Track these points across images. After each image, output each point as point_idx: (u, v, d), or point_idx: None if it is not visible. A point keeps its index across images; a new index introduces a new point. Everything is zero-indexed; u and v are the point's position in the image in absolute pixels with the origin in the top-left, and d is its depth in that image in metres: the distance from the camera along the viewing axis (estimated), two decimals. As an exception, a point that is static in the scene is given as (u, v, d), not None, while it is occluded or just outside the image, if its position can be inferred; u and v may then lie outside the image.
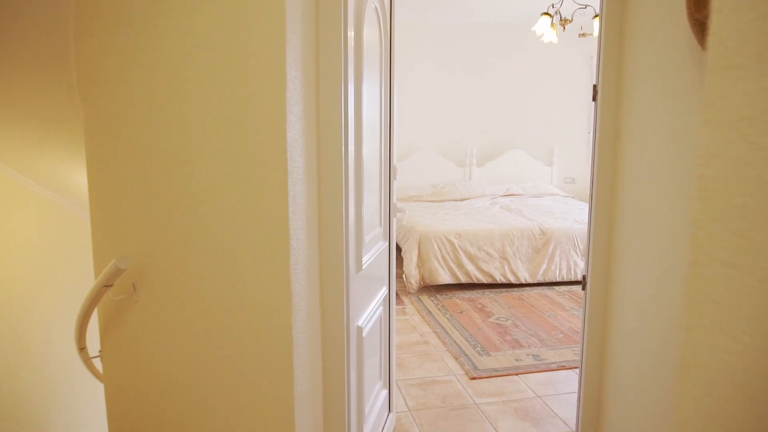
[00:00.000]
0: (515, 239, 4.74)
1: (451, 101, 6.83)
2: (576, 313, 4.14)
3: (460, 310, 4.22)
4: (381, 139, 2.13)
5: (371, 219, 2.01)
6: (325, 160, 1.60)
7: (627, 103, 1.94)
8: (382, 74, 2.12)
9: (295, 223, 1.40)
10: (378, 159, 2.10)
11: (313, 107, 1.55)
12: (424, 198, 6.27)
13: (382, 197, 2.19)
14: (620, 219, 2.00)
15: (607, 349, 2.17)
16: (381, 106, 2.12)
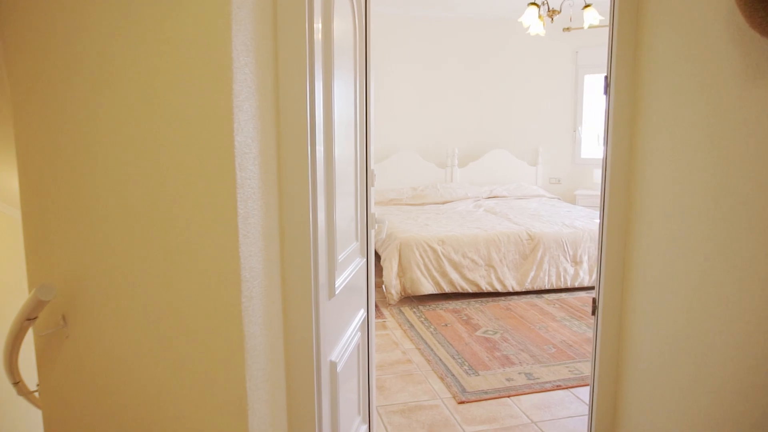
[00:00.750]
0: (502, 245, 4.48)
1: (431, 99, 6.57)
2: (567, 323, 3.89)
3: (444, 323, 3.94)
4: (356, 142, 1.83)
5: (346, 234, 1.70)
6: (288, 169, 1.29)
7: (646, 96, 1.67)
8: (357, 71, 1.83)
9: (248, 249, 1.10)
10: (353, 164, 1.80)
11: (271, 105, 1.25)
12: (404, 201, 5.99)
13: (358, 207, 1.89)
14: (639, 233, 1.73)
15: (622, 392, 1.90)
16: (356, 106, 1.83)
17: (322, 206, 1.41)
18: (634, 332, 1.80)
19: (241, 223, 1.06)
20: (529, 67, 6.60)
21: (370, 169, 2.01)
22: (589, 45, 6.38)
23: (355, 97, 1.80)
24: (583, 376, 3.05)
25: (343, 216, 1.65)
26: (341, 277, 1.60)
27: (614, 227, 1.80)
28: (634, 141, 1.74)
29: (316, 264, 1.36)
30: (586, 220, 4.92)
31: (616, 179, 1.80)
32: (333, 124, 1.46)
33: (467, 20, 6.43)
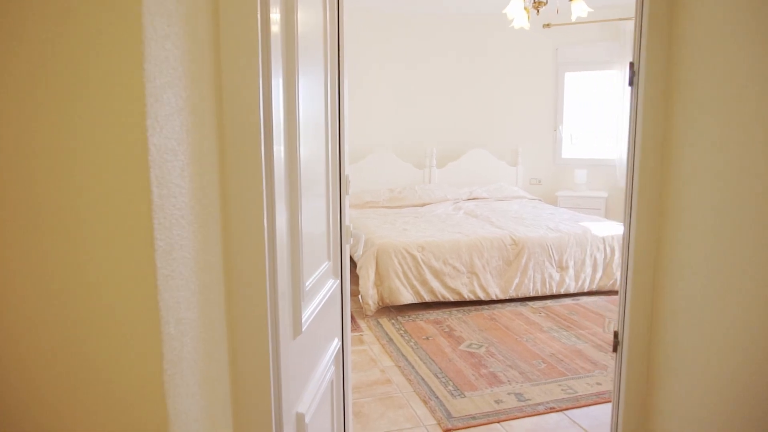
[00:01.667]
0: (484, 251, 4.23)
1: (408, 97, 6.30)
2: (555, 334, 3.67)
3: (425, 336, 3.67)
4: (328, 144, 1.53)
5: (315, 254, 1.41)
6: (236, 179, 0.99)
7: (682, 83, 1.40)
8: (329, 67, 1.55)
9: (173, 296, 0.79)
10: (324, 169, 1.51)
11: (210, 97, 0.94)
12: (380, 204, 5.70)
13: (330, 220, 1.59)
14: (673, 249, 1.47)
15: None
16: (327, 104, 1.53)
17: (282, 223, 1.11)
18: (666, 376, 1.54)
19: (161, 260, 0.75)
20: (508, 65, 6.39)
21: (344, 174, 1.72)
22: (570, 42, 6.20)
23: (325, 95, 1.51)
24: (578, 396, 2.81)
25: (312, 232, 1.36)
26: (309, 308, 1.30)
27: (643, 242, 1.54)
28: (668, 136, 1.46)
29: (275, 299, 1.06)
30: (570, 224, 4.72)
31: (646, 183, 1.52)
32: (298, 125, 1.17)
33: (446, 16, 6.18)
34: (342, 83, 1.69)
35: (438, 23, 6.22)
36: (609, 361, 3.23)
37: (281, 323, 1.07)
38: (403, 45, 6.19)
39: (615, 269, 4.45)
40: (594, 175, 6.25)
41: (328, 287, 1.53)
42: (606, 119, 6.22)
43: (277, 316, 1.05)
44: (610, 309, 4.17)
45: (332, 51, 1.58)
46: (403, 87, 6.27)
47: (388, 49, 6.15)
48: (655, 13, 1.47)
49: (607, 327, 3.80)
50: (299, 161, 1.18)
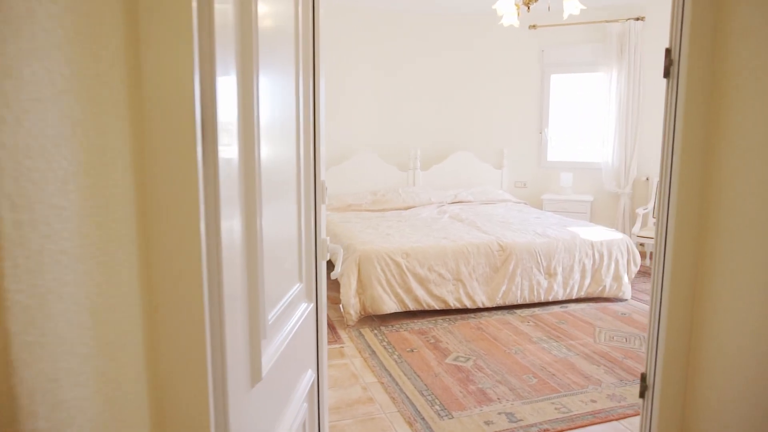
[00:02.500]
0: (471, 257, 4.07)
1: (392, 98, 6.11)
2: (545, 345, 3.51)
3: (410, 348, 3.48)
4: (299, 148, 1.33)
5: (282, 276, 1.21)
6: (160, 190, 0.79)
7: (734, 78, 1.19)
8: (301, 63, 1.35)
9: (38, 372, 0.58)
10: (294, 175, 1.31)
11: (119, 82, 0.74)
12: (363, 207, 5.50)
13: (303, 233, 1.39)
14: (720, 278, 1.23)
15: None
16: (299, 105, 1.33)
17: (233, 242, 0.91)
18: (707, 428, 1.33)
19: (20, 321, 0.54)
20: (494, 66, 6.25)
21: (319, 180, 1.52)
22: (556, 44, 6.09)
23: (297, 95, 1.31)
24: (572, 415, 2.65)
25: (277, 250, 1.16)
26: (273, 346, 1.10)
27: (681, 270, 1.32)
28: (714, 139, 1.24)
29: (220, 345, 0.86)
30: (558, 229, 4.58)
31: (686, 196, 1.30)
32: (255, 126, 0.97)
33: (432, 16, 6.02)
34: (318, 83, 1.49)
35: (423, 23, 6.05)
36: (602, 375, 3.08)
37: (231, 374, 0.87)
38: (387, 45, 6.00)
39: (603, 275, 4.33)
40: (580, 179, 6.14)
41: (299, 314, 1.32)
42: (592, 122, 6.11)
43: (224, 366, 0.85)
44: (599, 317, 4.04)
45: (305, 49, 1.38)
46: (386, 87, 6.08)
47: (371, 49, 5.95)
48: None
49: (597, 337, 3.65)
50: (258, 165, 0.98)
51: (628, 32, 5.60)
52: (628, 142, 5.77)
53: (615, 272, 4.36)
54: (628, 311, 4.18)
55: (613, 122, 5.78)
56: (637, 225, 5.28)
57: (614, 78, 5.73)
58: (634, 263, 4.44)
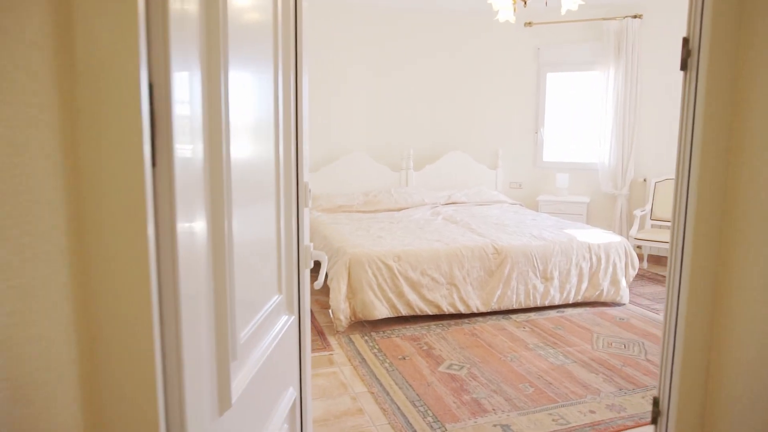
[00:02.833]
0: (465, 261, 3.94)
1: (384, 97, 5.99)
2: (542, 352, 3.39)
3: (401, 355, 3.35)
4: (279, 147, 1.21)
5: (257, 289, 1.08)
6: (100, 193, 0.66)
7: (763, 68, 1.05)
8: (280, 62, 1.22)
9: None
10: (273, 177, 1.18)
11: (41, 67, 0.61)
12: (354, 208, 5.37)
13: (283, 240, 1.26)
14: (744, 292, 1.10)
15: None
16: (278, 103, 1.21)
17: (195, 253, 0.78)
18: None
19: None
20: (489, 65, 6.14)
21: (302, 182, 1.39)
22: (552, 42, 5.98)
23: (276, 91, 1.18)
24: (571, 427, 2.53)
25: (252, 259, 1.03)
26: (248, 366, 0.97)
27: (699, 281, 1.17)
28: (738, 138, 1.10)
29: (179, 373, 0.72)
30: (554, 231, 4.47)
31: (707, 202, 1.15)
32: (223, 123, 0.85)
33: (426, 14, 5.89)
34: (300, 80, 1.36)
35: (417, 21, 5.92)
36: (601, 384, 2.96)
37: (191, 405, 0.74)
38: (380, 42, 5.87)
39: (601, 279, 4.22)
40: (576, 180, 6.04)
41: (278, 328, 1.19)
42: (588, 122, 6.01)
43: (182, 397, 0.72)
44: (597, 323, 3.93)
45: (286, 44, 1.25)
46: (379, 86, 5.95)
47: (363, 46, 5.82)
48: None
49: (595, 343, 3.54)
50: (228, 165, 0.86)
51: (625, 30, 5.50)
52: (625, 142, 5.67)
53: (613, 276, 4.26)
54: (626, 316, 4.07)
55: (610, 122, 5.69)
56: (635, 227, 5.18)
57: (611, 77, 5.63)
58: (632, 267, 4.33)
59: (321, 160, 5.80)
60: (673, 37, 5.39)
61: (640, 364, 3.22)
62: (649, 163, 5.66)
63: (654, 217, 5.42)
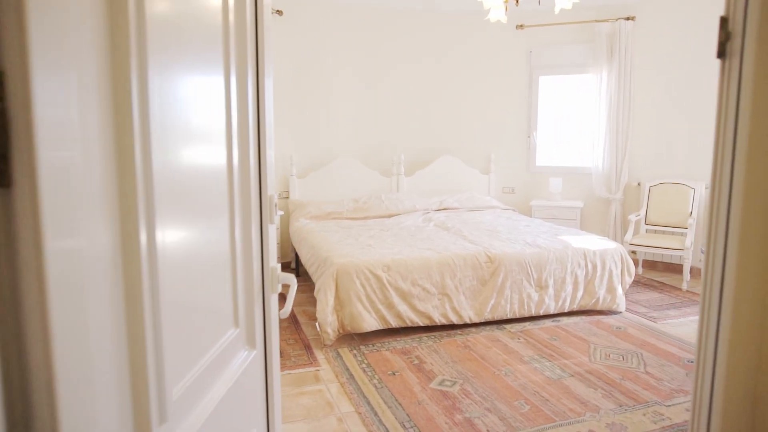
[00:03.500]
0: (457, 270, 3.80)
1: (374, 101, 5.85)
2: (537, 365, 3.25)
3: (391, 371, 3.20)
4: (232, 155, 1.06)
5: (201, 324, 0.93)
6: None
7: None
8: (234, 61, 1.07)
9: None
10: (226, 191, 1.03)
11: None
12: (344, 215, 5.22)
13: (240, 262, 1.11)
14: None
15: None
16: (230, 107, 1.06)
17: (82, 288, 0.62)
18: None
19: None
20: (481, 68, 6.02)
21: (266, 196, 1.24)
22: (544, 44, 5.87)
23: (227, 95, 1.04)
24: (569, 449, 2.39)
25: (192, 292, 0.88)
26: (187, 424, 0.81)
27: (745, 294, 1.01)
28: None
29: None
30: (549, 237, 4.34)
31: (754, 200, 0.98)
32: (135, 127, 0.69)
33: (416, 15, 5.77)
34: (263, 83, 1.22)
35: (407, 23, 5.80)
36: (600, 400, 2.82)
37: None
38: (370, 44, 5.74)
39: (597, 287, 4.09)
40: (569, 184, 5.92)
41: (234, 368, 1.04)
42: (581, 125, 5.90)
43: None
44: (593, 332, 3.79)
45: (241, 47, 1.11)
46: (368, 90, 5.82)
47: (352, 49, 5.69)
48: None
49: (592, 355, 3.40)
50: (145, 175, 0.71)
51: (618, 32, 5.40)
52: (618, 145, 5.56)
53: (609, 283, 4.13)
54: (623, 325, 3.94)
55: (604, 125, 5.57)
56: (629, 232, 5.06)
57: (604, 79, 5.53)
58: (628, 274, 4.21)
59: (309, 166, 5.65)
60: (667, 39, 5.32)
61: (640, 378, 3.08)
62: (643, 167, 5.55)
63: (649, 221, 5.31)
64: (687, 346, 3.54)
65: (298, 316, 4.18)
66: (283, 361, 3.35)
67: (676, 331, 3.84)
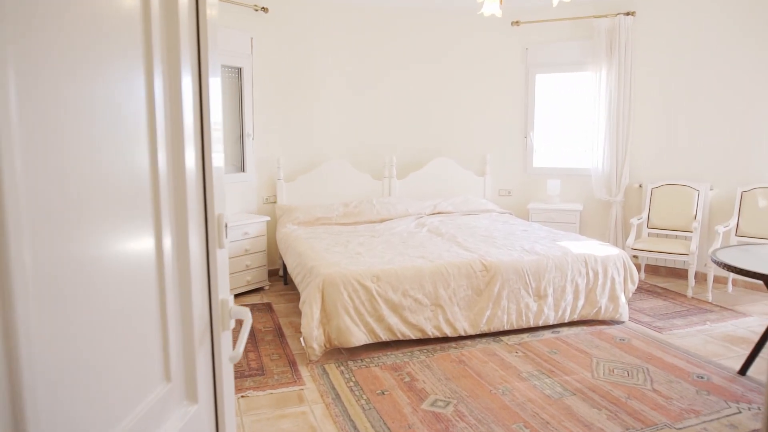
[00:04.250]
0: (451, 279, 3.59)
1: (365, 101, 5.63)
2: (536, 382, 3.04)
3: (380, 389, 2.99)
4: (156, 168, 0.84)
5: (111, 386, 0.71)
6: None
7: None
8: (157, 56, 0.86)
9: None
10: (148, 206, 0.81)
11: None
12: (333, 220, 5.00)
13: (171, 299, 0.90)
14: None
15: None
16: (153, 108, 0.85)
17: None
18: None
19: None
20: (475, 66, 5.81)
21: (213, 215, 1.03)
22: (540, 41, 5.67)
23: (149, 95, 0.82)
24: (573, 482, 2.18)
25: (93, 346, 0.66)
26: None
27: None
28: None
29: None
30: (547, 243, 4.13)
31: None
32: None
33: (409, 14, 5.55)
34: (206, 82, 1.00)
35: (400, 20, 5.59)
36: (605, 423, 2.62)
37: None
38: (361, 42, 5.53)
39: (599, 296, 3.88)
40: (568, 186, 5.72)
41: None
42: (580, 125, 5.70)
43: None
44: (595, 345, 3.59)
45: (171, 40, 0.89)
46: (359, 89, 5.60)
47: (342, 47, 5.47)
48: None
49: (595, 370, 3.20)
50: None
51: (617, 28, 5.20)
52: (619, 146, 5.36)
53: (611, 292, 3.92)
54: (627, 336, 3.74)
55: (603, 125, 5.37)
56: (632, 237, 4.86)
57: (603, 77, 5.33)
58: (631, 281, 4.01)
59: (298, 169, 5.43)
60: (669, 34, 5.12)
61: (647, 396, 2.88)
62: (644, 168, 5.36)
63: (651, 225, 5.11)
64: (695, 360, 3.34)
65: (284, 328, 3.96)
66: (265, 379, 3.13)
67: (682, 342, 3.64)
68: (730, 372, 3.16)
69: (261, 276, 4.85)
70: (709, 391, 2.92)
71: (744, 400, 2.83)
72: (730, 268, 3.01)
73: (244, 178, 5.10)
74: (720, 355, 3.43)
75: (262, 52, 5.07)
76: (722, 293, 4.71)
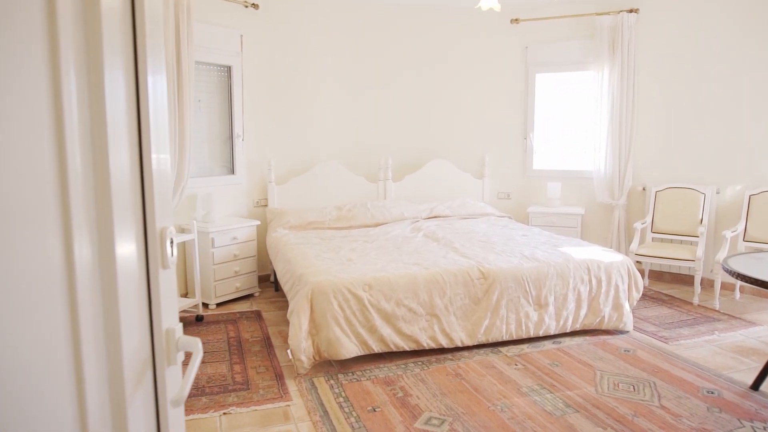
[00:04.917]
0: (447, 287, 3.42)
1: (360, 101, 5.46)
2: (537, 397, 2.87)
3: (371, 406, 2.81)
4: (65, 174, 0.66)
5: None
6: None
7: None
8: (70, 50, 0.68)
9: None
10: (56, 222, 0.63)
11: None
12: (326, 225, 4.82)
13: (83, 332, 0.72)
14: None
15: None
16: (62, 107, 0.67)
17: None
18: None
19: None
20: (474, 65, 5.65)
21: (154, 229, 0.85)
22: (541, 40, 5.51)
23: (56, 92, 0.65)
24: None
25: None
26: None
27: None
28: None
29: None
30: (548, 249, 3.96)
31: None
32: None
33: (405, 11, 5.38)
34: (144, 78, 0.83)
35: (395, 19, 5.42)
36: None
37: None
38: (356, 41, 5.36)
39: (602, 304, 3.71)
40: (569, 189, 5.55)
41: None
42: (582, 126, 5.53)
43: None
44: (599, 356, 3.41)
45: (93, 30, 0.72)
46: (353, 88, 5.43)
47: (336, 45, 5.30)
48: None
49: (599, 385, 3.02)
50: None
51: (620, 26, 5.03)
52: (622, 147, 5.19)
53: (615, 300, 3.75)
54: (632, 347, 3.56)
55: (606, 126, 5.21)
56: (635, 242, 4.69)
57: (606, 77, 5.16)
58: (636, 289, 3.84)
59: (290, 171, 5.25)
60: (673, 32, 4.95)
61: (655, 413, 2.70)
62: (648, 171, 5.19)
63: (655, 229, 4.94)
64: (704, 373, 3.16)
65: (273, 338, 3.78)
66: (250, 394, 2.96)
67: (690, 353, 3.47)
68: (742, 387, 2.99)
69: (251, 282, 4.67)
70: (721, 408, 2.75)
71: (758, 418, 2.66)
72: (744, 278, 2.84)
73: (234, 180, 4.92)
74: (730, 367, 3.26)
75: (253, 51, 4.90)
76: (730, 300, 4.54)
